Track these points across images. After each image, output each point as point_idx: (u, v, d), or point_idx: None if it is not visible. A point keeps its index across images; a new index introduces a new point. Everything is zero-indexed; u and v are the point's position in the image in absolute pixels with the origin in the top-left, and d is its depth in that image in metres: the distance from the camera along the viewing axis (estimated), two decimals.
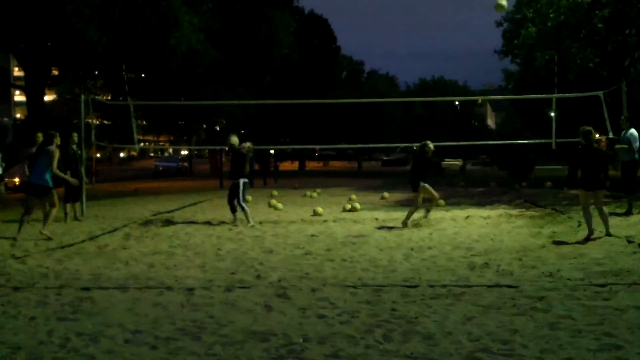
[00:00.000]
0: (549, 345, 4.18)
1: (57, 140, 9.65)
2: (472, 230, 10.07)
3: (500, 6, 12.02)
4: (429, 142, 10.98)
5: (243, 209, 11.14)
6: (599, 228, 8.62)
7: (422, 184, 10.70)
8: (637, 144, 10.77)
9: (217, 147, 37.16)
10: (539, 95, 18.67)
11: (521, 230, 9.80)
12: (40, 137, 11.07)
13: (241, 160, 11.30)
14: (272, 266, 7.23)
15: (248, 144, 11.55)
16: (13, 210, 13.41)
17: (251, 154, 11.53)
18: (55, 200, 9.57)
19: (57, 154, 9.48)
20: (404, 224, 10.52)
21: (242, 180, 11.20)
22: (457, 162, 42.23)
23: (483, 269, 6.84)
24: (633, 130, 10.85)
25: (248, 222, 10.99)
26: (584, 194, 8.62)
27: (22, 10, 16.18)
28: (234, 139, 11.63)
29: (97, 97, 20.01)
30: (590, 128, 8.66)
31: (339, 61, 54.22)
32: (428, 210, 11.15)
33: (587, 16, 17.72)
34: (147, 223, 11.42)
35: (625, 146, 10.83)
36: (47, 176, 9.36)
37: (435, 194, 11.11)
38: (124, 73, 22.84)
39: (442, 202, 14.48)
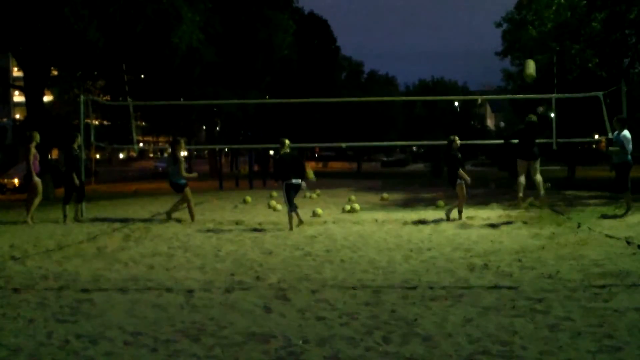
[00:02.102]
0: (548, 347, 4.18)
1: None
2: (471, 231, 10.07)
3: (530, 75, 12.58)
4: (456, 137, 11.36)
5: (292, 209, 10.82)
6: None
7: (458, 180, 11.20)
8: (630, 146, 10.77)
9: (217, 148, 37.26)
10: (539, 95, 18.67)
11: (520, 232, 9.80)
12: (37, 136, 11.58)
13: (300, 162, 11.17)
14: (272, 267, 7.22)
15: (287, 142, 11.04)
16: (10, 212, 13.43)
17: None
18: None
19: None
20: (447, 217, 11.32)
21: (302, 182, 10.90)
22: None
23: (482, 270, 6.84)
24: (626, 132, 10.82)
25: (298, 219, 10.79)
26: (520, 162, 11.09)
27: (21, 11, 16.17)
28: (287, 142, 11.04)
29: (96, 98, 20.04)
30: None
31: (339, 62, 54.27)
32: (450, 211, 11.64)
33: (586, 17, 17.72)
34: (146, 224, 11.42)
35: (618, 148, 10.82)
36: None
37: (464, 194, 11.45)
38: (124, 73, 22.79)
39: (441, 202, 14.50)
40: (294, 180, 10.69)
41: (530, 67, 12.59)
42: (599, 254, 7.46)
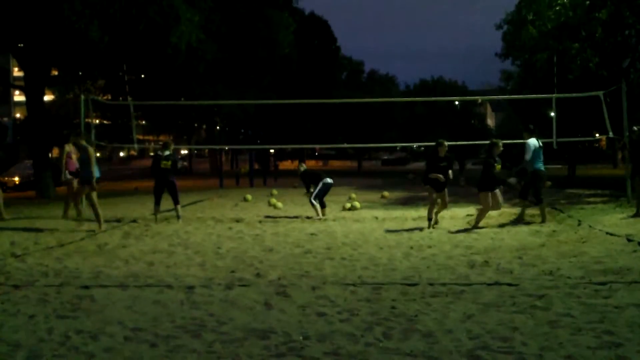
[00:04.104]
0: (548, 343, 4.18)
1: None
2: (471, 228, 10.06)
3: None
4: (499, 141, 10.16)
5: (313, 205, 12.11)
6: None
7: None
8: (529, 155, 10.33)
9: (217, 147, 37.25)
10: (539, 95, 18.67)
11: (521, 229, 9.80)
12: None
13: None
14: (272, 264, 7.22)
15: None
16: (10, 210, 13.43)
17: None
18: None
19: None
20: (476, 226, 10.03)
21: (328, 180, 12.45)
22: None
23: (483, 267, 6.84)
24: (530, 140, 10.44)
25: (317, 215, 11.99)
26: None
27: (21, 10, 16.16)
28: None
29: (96, 97, 20.03)
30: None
31: (339, 61, 54.28)
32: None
33: (586, 17, 17.72)
34: (147, 221, 11.42)
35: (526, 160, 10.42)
36: None
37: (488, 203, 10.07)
38: (124, 73, 22.81)
39: None
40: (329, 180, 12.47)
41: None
42: (599, 251, 7.46)
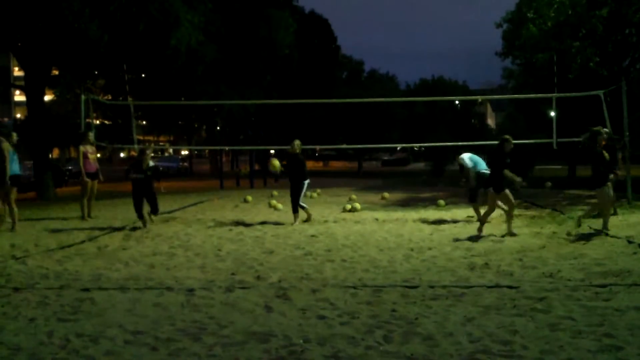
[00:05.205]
0: (549, 346, 4.18)
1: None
2: (472, 230, 10.06)
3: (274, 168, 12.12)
4: (509, 137, 9.64)
5: (303, 207, 11.48)
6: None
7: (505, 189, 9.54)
8: (467, 163, 10.90)
9: (218, 147, 37.23)
10: (539, 95, 18.67)
11: (521, 231, 9.79)
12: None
13: (303, 164, 11.51)
14: (273, 267, 7.22)
15: (297, 142, 11.52)
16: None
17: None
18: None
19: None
20: (511, 234, 9.36)
21: (305, 182, 11.46)
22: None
23: (483, 269, 6.84)
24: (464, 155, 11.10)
25: (295, 221, 11.29)
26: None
27: (21, 9, 16.15)
28: (298, 143, 11.55)
29: (97, 97, 20.03)
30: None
31: (339, 61, 54.24)
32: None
33: (586, 15, 17.71)
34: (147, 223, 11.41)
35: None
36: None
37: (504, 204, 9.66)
38: (124, 73, 22.77)
39: (442, 202, 14.50)
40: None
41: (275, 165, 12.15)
42: (599, 253, 7.46)
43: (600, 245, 8.09)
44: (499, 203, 9.64)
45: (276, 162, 11.85)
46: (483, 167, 10.74)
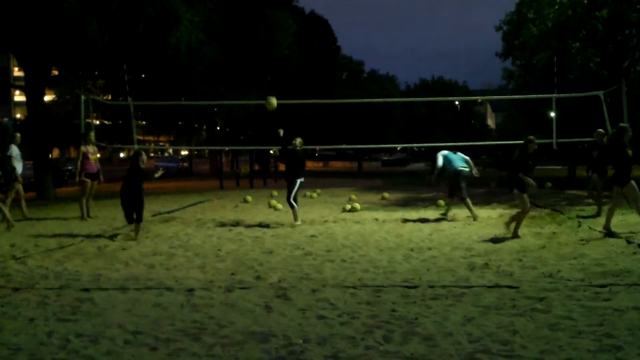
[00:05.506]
0: (549, 346, 4.18)
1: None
2: (471, 230, 10.07)
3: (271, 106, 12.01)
4: (533, 137, 9.39)
5: (292, 206, 11.22)
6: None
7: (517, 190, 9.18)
8: (439, 163, 11.55)
9: (218, 148, 37.24)
10: (539, 95, 18.66)
11: (521, 231, 9.75)
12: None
13: (299, 162, 11.32)
14: (272, 267, 7.22)
15: (299, 140, 11.37)
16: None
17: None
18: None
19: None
20: (516, 235, 9.11)
21: (299, 180, 11.23)
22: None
23: (483, 269, 6.84)
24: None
25: (295, 220, 11.17)
26: None
27: (21, 9, 16.15)
28: (300, 141, 11.37)
29: (97, 97, 20.01)
30: None
31: (339, 61, 54.23)
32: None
33: (587, 16, 17.74)
34: (147, 223, 11.41)
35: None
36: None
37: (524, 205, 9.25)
38: (124, 73, 22.78)
39: (442, 202, 14.49)
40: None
41: (271, 102, 11.93)
42: (599, 253, 7.46)
43: (600, 245, 8.09)
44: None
45: (273, 101, 11.75)
46: (460, 164, 11.47)
